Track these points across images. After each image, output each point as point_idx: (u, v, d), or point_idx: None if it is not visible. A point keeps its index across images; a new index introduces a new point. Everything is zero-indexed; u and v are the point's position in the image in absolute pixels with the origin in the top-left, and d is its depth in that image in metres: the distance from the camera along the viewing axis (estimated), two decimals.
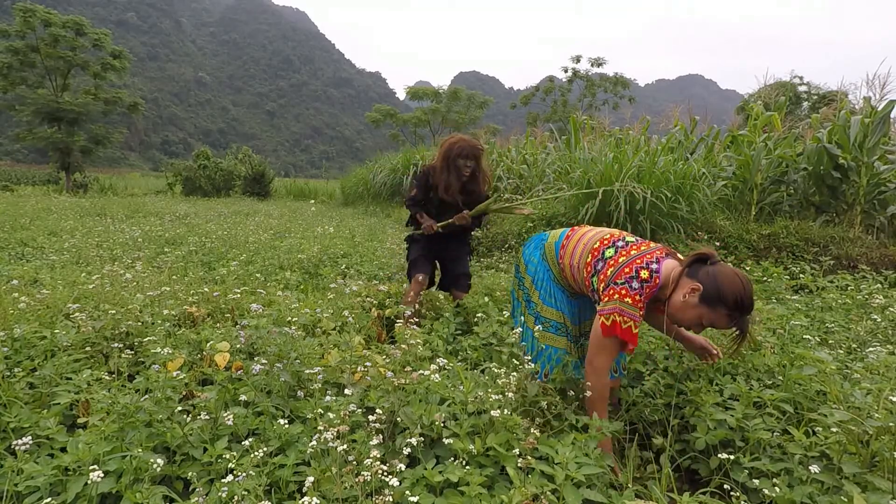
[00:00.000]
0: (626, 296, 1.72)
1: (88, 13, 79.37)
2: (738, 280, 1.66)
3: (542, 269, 2.11)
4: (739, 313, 1.65)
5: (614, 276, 1.78)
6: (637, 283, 1.73)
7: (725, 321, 1.68)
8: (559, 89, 34.32)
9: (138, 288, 3.17)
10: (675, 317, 1.77)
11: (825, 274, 4.53)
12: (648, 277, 1.74)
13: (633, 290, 1.73)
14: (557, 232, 2.15)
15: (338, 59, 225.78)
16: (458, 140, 2.99)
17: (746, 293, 1.64)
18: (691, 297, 1.69)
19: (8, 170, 31.50)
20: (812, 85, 23.20)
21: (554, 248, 2.09)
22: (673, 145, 7.41)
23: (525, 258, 2.19)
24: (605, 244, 1.90)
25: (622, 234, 1.95)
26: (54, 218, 8.07)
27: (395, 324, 2.29)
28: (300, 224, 8.43)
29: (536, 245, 2.18)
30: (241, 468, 1.27)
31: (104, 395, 1.58)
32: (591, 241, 1.96)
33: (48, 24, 18.36)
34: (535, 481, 1.29)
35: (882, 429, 1.47)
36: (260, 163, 20.45)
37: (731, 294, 1.63)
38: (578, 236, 2.03)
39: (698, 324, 1.73)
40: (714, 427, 1.74)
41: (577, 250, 1.99)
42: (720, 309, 1.65)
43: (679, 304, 1.73)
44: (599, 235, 1.97)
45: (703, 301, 1.67)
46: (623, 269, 1.77)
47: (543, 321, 2.09)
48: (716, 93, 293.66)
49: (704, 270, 1.71)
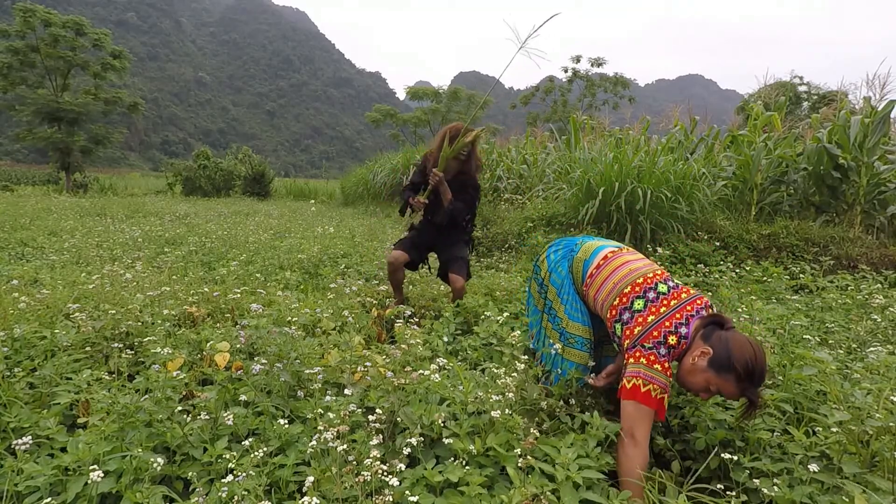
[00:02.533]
0: (655, 362, 1.63)
1: (88, 13, 79.33)
2: (751, 348, 1.58)
3: (568, 283, 2.02)
4: (749, 383, 1.56)
5: (641, 339, 1.67)
6: (665, 349, 1.64)
7: (733, 389, 1.58)
8: (559, 89, 34.33)
9: (138, 288, 3.16)
10: (683, 379, 1.68)
11: (825, 274, 4.53)
12: (676, 343, 1.65)
13: (661, 356, 1.63)
14: (590, 247, 2.02)
15: (338, 59, 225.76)
16: (452, 126, 3.21)
17: (758, 363, 1.56)
18: (700, 360, 1.62)
19: (8, 170, 31.50)
20: (812, 85, 23.20)
21: (582, 269, 1.99)
22: (673, 145, 7.41)
23: (550, 265, 2.08)
24: (635, 292, 1.78)
25: (656, 277, 1.81)
26: (54, 218, 8.07)
27: (396, 324, 2.29)
28: (300, 224, 8.43)
29: (564, 255, 2.07)
30: (241, 468, 1.27)
31: (104, 395, 1.58)
32: (623, 283, 1.82)
33: (48, 24, 18.36)
34: (535, 481, 1.29)
35: (882, 429, 1.47)
36: (260, 163, 20.45)
37: (741, 362, 1.55)
38: (611, 269, 1.90)
39: (705, 389, 1.63)
40: (714, 427, 1.74)
41: (605, 286, 1.87)
42: (728, 376, 1.57)
43: (688, 367, 1.65)
44: (632, 277, 1.82)
45: (712, 366, 1.59)
46: (651, 332, 1.67)
47: (569, 337, 1.99)
48: (716, 93, 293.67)
49: (717, 335, 1.63)
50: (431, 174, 3.09)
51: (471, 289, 3.63)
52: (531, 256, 5.23)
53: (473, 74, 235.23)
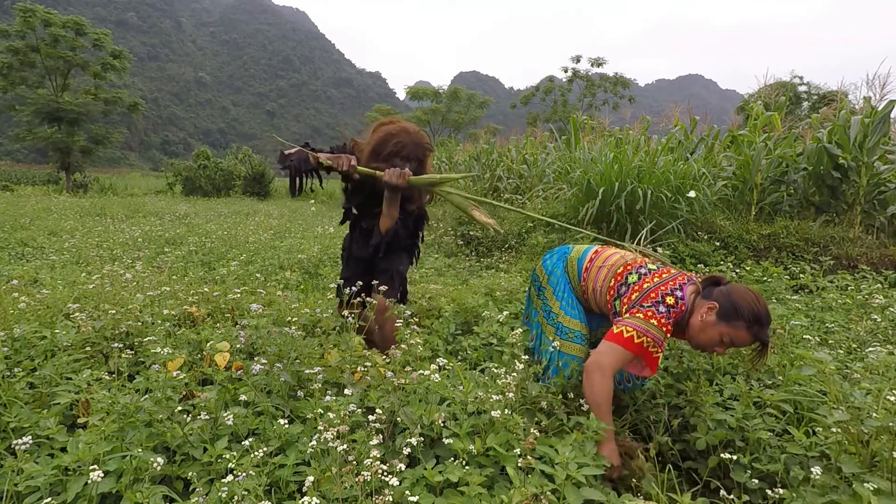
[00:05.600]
0: (653, 317, 1.70)
1: (88, 13, 79.21)
2: (752, 294, 1.70)
3: (564, 281, 2.10)
4: (759, 325, 1.67)
5: (640, 301, 1.77)
6: (664, 307, 1.72)
7: (746, 335, 1.69)
8: (559, 89, 34.36)
9: (138, 288, 3.16)
10: (697, 339, 1.76)
11: (825, 274, 4.53)
12: (674, 303, 1.73)
13: (659, 313, 1.71)
14: (581, 248, 2.13)
15: (338, 59, 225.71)
16: (399, 132, 2.20)
17: (762, 305, 1.68)
18: (708, 316, 1.71)
19: (8, 170, 31.54)
20: (812, 85, 23.20)
21: (577, 265, 2.07)
22: (673, 145, 7.41)
23: (547, 269, 2.16)
24: (628, 270, 1.90)
25: (644, 260, 1.96)
26: (54, 218, 8.07)
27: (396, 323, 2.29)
28: (300, 224, 8.43)
29: (559, 258, 2.16)
30: (241, 468, 1.27)
31: (104, 395, 1.58)
32: (615, 266, 1.95)
33: (48, 24, 18.38)
34: (535, 481, 1.29)
35: (881, 429, 1.47)
36: (260, 163, 20.46)
37: (746, 307, 1.67)
38: (602, 259, 2.02)
39: (720, 342, 1.72)
40: (714, 427, 1.74)
41: (600, 274, 1.98)
42: (739, 323, 1.67)
43: (698, 326, 1.74)
44: (623, 260, 1.96)
45: (721, 318, 1.69)
46: (649, 294, 1.77)
47: (567, 332, 2.06)
48: (716, 93, 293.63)
49: (718, 290, 1.75)
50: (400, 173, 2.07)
51: (471, 289, 3.62)
52: (531, 256, 5.23)
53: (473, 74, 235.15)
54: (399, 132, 2.20)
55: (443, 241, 6.37)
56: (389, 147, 2.18)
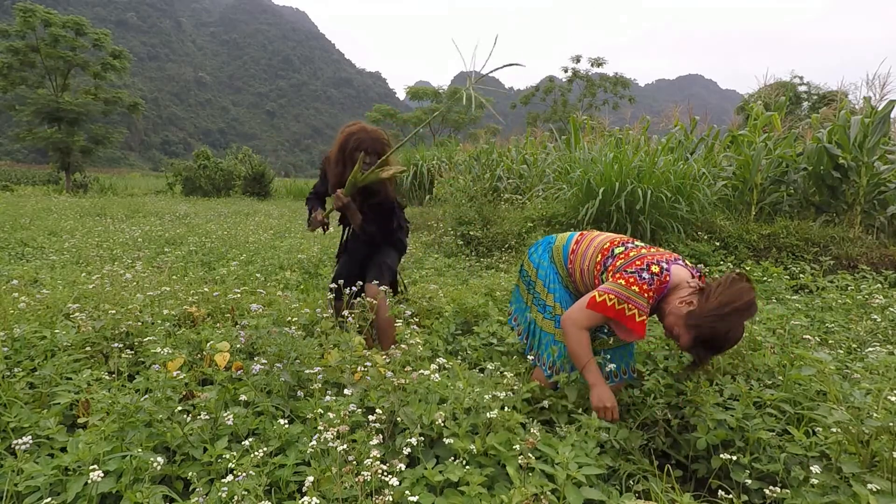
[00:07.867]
0: (634, 284, 1.72)
1: (88, 13, 79.32)
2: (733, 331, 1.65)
3: (552, 272, 2.10)
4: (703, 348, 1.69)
5: (624, 266, 1.79)
6: (647, 274, 1.74)
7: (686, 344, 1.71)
8: (559, 89, 34.35)
9: (138, 288, 3.16)
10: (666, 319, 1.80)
11: (825, 274, 4.52)
12: (659, 272, 1.75)
13: (641, 279, 1.73)
14: (564, 236, 2.14)
15: (338, 59, 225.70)
16: (359, 130, 2.53)
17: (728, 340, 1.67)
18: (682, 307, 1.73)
19: (8, 170, 31.54)
20: (812, 85, 23.18)
21: (563, 252, 2.08)
22: (673, 145, 7.41)
23: (534, 262, 2.16)
24: (614, 244, 1.93)
25: (632, 238, 1.99)
26: (54, 218, 8.07)
27: (395, 324, 2.29)
28: (300, 224, 8.43)
29: (545, 248, 2.16)
30: (241, 468, 1.27)
31: (104, 395, 1.58)
32: (602, 242, 1.97)
33: (48, 24, 18.38)
34: (535, 481, 1.29)
35: (881, 429, 1.47)
36: (260, 163, 20.45)
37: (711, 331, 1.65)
38: (588, 240, 2.03)
39: (670, 331, 1.77)
40: (714, 427, 1.74)
41: (587, 253, 1.99)
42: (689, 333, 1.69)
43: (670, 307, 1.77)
44: (609, 238, 1.99)
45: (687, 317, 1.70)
46: (634, 261, 1.79)
47: None
48: (716, 93, 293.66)
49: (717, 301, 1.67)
50: (335, 196, 2.48)
51: (471, 289, 3.63)
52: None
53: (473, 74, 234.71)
54: (358, 131, 2.53)
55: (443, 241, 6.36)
56: (351, 143, 2.50)
